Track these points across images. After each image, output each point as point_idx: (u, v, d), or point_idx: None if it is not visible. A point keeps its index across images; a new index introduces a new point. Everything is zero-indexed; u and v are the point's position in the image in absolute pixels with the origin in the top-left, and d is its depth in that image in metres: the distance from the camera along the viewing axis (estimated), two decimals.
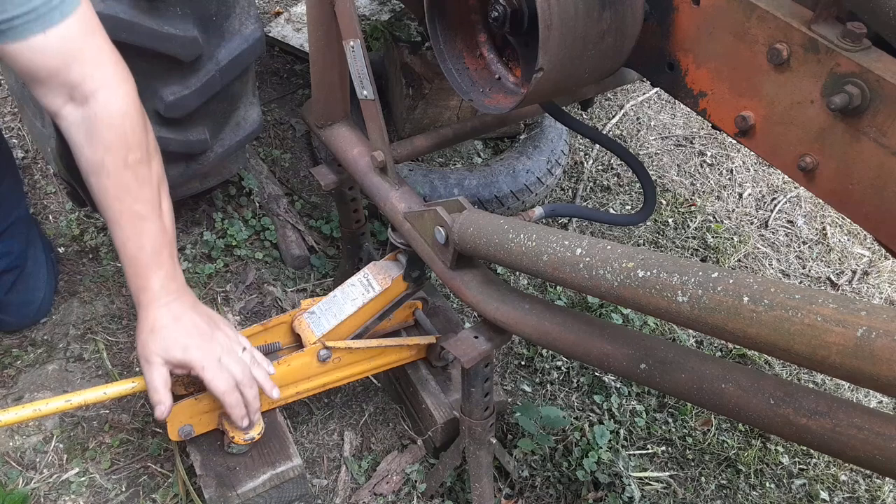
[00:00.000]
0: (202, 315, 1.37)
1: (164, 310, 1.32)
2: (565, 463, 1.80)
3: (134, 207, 1.27)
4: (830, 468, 1.95)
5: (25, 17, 1.15)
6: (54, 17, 1.17)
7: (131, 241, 1.27)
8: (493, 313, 1.32)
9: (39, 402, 1.33)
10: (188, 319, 1.33)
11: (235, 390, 1.36)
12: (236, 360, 1.37)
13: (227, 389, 1.34)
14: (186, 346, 1.31)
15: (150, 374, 1.31)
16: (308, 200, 2.40)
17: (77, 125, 1.26)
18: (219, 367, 1.33)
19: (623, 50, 1.23)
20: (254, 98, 1.95)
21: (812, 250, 2.61)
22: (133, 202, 1.27)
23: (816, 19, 0.98)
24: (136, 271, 1.30)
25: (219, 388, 1.34)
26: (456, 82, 1.35)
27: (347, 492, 1.70)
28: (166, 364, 1.32)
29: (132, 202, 1.27)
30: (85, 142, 1.26)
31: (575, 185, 2.66)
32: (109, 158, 1.25)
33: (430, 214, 1.37)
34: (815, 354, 0.77)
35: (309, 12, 1.54)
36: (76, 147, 1.28)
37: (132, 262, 1.29)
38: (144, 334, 1.32)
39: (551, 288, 2.23)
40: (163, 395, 1.31)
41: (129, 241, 1.27)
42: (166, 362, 1.32)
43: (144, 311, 1.32)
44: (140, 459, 1.68)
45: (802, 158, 1.05)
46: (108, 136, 1.25)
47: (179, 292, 1.35)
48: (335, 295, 1.62)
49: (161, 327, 1.31)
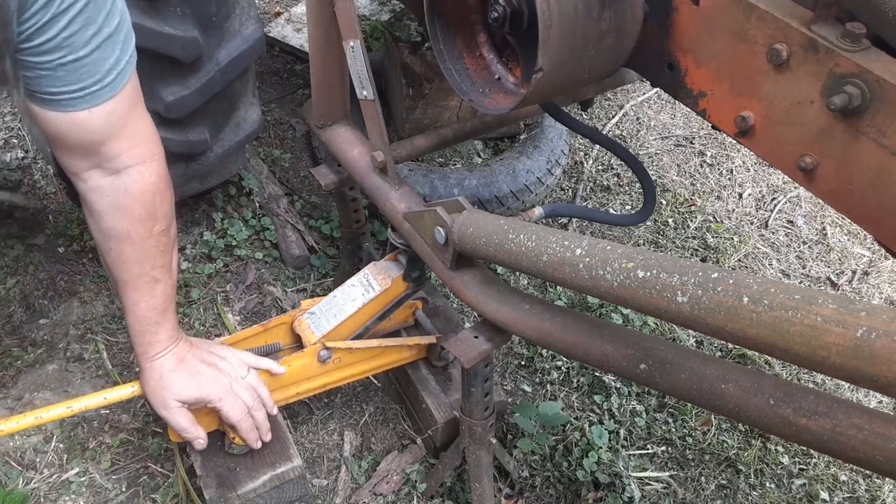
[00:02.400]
0: (202, 349, 1.40)
1: (169, 355, 1.35)
2: (565, 463, 1.80)
3: (151, 273, 1.28)
4: (830, 468, 1.95)
5: (75, 94, 1.09)
6: (104, 95, 1.11)
7: (144, 301, 1.29)
8: (493, 313, 1.32)
9: (41, 410, 1.33)
10: (192, 358, 1.37)
11: (248, 416, 1.40)
12: (244, 385, 1.41)
13: (241, 417, 1.39)
14: (199, 384, 1.35)
15: (173, 419, 1.36)
16: (308, 200, 2.40)
17: (101, 192, 1.22)
18: (233, 397, 1.38)
19: (623, 50, 1.23)
20: (254, 98, 1.95)
21: (812, 250, 2.61)
22: (151, 268, 1.28)
23: (816, 19, 0.98)
24: (145, 328, 1.32)
25: (235, 418, 1.39)
26: (456, 82, 1.35)
27: (347, 492, 1.70)
28: (183, 405, 1.36)
29: (150, 268, 1.28)
30: (108, 211, 1.23)
31: (575, 185, 2.66)
32: (135, 229, 1.24)
33: (429, 215, 1.37)
34: (815, 355, 0.77)
35: (309, 13, 1.54)
36: (96, 212, 1.24)
37: (142, 320, 1.31)
38: (153, 383, 1.35)
39: (551, 288, 2.23)
40: (194, 432, 1.38)
41: (142, 301, 1.29)
42: (183, 403, 1.35)
43: (150, 363, 1.34)
44: (140, 459, 1.68)
45: (802, 159, 1.05)
46: (136, 210, 1.23)
47: (179, 338, 1.38)
48: (335, 295, 1.62)
49: (168, 372, 1.34)
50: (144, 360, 1.34)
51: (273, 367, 1.47)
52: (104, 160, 1.19)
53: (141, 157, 1.21)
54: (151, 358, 1.34)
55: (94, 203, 1.23)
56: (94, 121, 1.13)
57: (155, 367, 1.34)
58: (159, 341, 1.33)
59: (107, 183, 1.21)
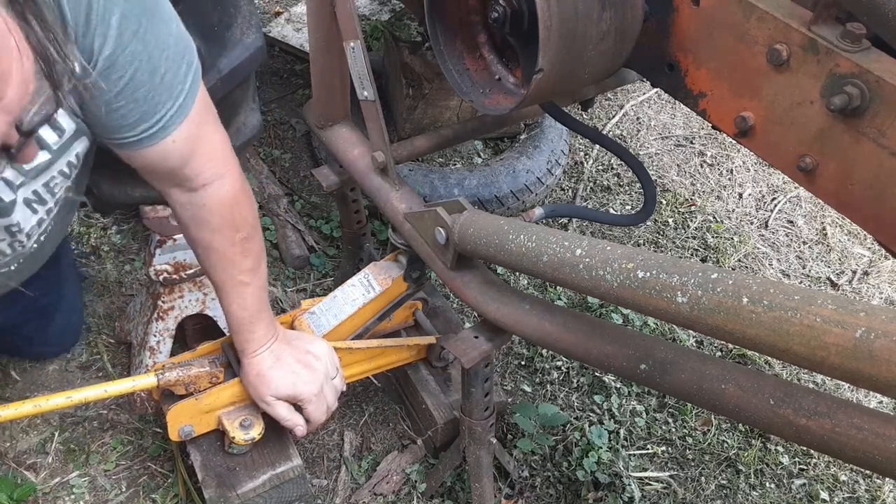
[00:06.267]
0: (299, 348, 1.45)
1: (267, 353, 1.40)
2: (565, 463, 1.80)
3: (238, 277, 1.34)
4: (830, 468, 1.96)
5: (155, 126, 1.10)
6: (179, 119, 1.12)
7: (235, 304, 1.36)
8: (493, 314, 1.32)
9: (39, 399, 1.33)
10: (289, 357, 1.43)
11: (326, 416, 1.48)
12: (332, 387, 1.48)
13: (321, 419, 1.47)
14: (294, 383, 1.41)
15: (274, 411, 1.43)
16: (308, 200, 2.41)
17: (182, 207, 1.27)
18: (320, 399, 1.45)
19: (623, 50, 1.23)
20: (254, 104, 1.95)
21: (812, 250, 2.61)
22: (238, 273, 1.34)
23: (816, 20, 0.98)
24: (240, 328, 1.39)
25: (317, 420, 1.47)
26: (456, 83, 1.35)
27: (347, 492, 1.70)
28: (279, 399, 1.42)
29: (237, 273, 1.34)
30: (191, 223, 1.30)
31: (575, 185, 2.66)
32: (217, 239, 1.31)
33: (430, 215, 1.37)
34: (814, 355, 0.77)
35: (309, 13, 1.55)
36: (182, 223, 1.32)
37: (236, 321, 1.38)
38: (252, 378, 1.41)
39: (551, 288, 2.23)
40: (294, 419, 1.44)
41: (234, 303, 1.36)
42: (279, 398, 1.42)
43: (248, 360, 1.41)
44: (140, 460, 1.69)
45: (802, 159, 1.05)
46: (216, 221, 1.29)
47: (276, 335, 1.43)
48: (335, 295, 1.62)
49: (266, 370, 1.40)
50: (243, 357, 1.41)
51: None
52: (183, 181, 1.23)
53: (215, 172, 1.25)
54: (249, 355, 1.40)
55: (179, 216, 1.30)
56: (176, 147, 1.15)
57: (253, 363, 1.40)
58: (255, 339, 1.39)
59: (186, 199, 1.26)
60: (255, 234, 1.36)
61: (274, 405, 1.42)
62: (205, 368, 1.42)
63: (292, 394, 1.41)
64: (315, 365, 1.44)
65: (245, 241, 1.33)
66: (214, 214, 1.28)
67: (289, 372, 1.41)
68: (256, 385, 1.41)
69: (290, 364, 1.42)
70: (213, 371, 1.43)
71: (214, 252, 1.32)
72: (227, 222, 1.30)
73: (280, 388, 1.41)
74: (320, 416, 1.46)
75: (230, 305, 1.37)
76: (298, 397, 1.42)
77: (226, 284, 1.35)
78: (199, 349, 1.51)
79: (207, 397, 1.44)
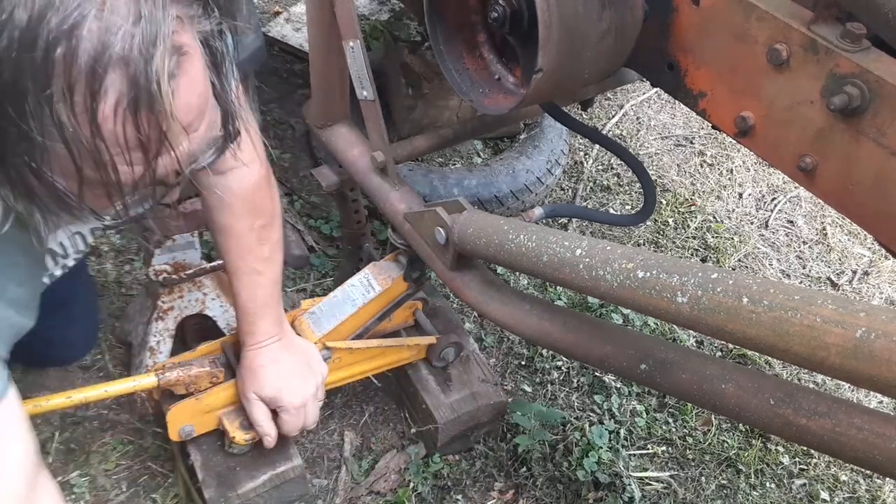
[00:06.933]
0: (300, 356, 1.46)
1: (264, 350, 1.41)
2: (565, 463, 1.80)
3: (252, 265, 1.37)
4: (831, 468, 1.95)
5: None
6: None
7: (245, 291, 1.38)
8: (493, 314, 1.32)
9: (40, 399, 1.33)
10: (286, 361, 1.43)
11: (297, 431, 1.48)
12: (314, 407, 1.48)
13: (293, 433, 1.47)
14: (280, 388, 1.41)
15: (250, 409, 1.43)
16: (308, 200, 2.40)
17: (209, 190, 1.29)
18: (299, 414, 1.44)
19: (623, 50, 1.23)
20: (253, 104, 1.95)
21: (812, 250, 2.61)
22: (253, 261, 1.37)
23: (816, 20, 0.98)
24: (245, 318, 1.40)
25: (288, 433, 1.46)
26: (456, 82, 1.35)
27: (347, 492, 1.70)
28: (261, 400, 1.42)
29: (252, 261, 1.37)
30: (215, 206, 1.34)
31: (575, 185, 2.66)
32: (237, 224, 1.35)
33: (429, 215, 1.37)
34: (815, 355, 0.77)
35: (309, 13, 1.54)
36: (207, 207, 1.36)
37: (243, 310, 1.40)
38: (243, 370, 1.43)
39: (551, 288, 2.23)
40: (266, 427, 1.43)
41: (244, 291, 1.38)
42: (261, 399, 1.42)
43: (246, 352, 1.42)
44: (140, 459, 1.68)
45: (802, 159, 1.05)
46: (238, 207, 1.33)
47: (281, 335, 1.44)
48: (335, 295, 1.62)
49: (259, 367, 1.41)
50: (242, 349, 1.43)
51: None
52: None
53: (247, 158, 1.28)
54: (248, 347, 1.42)
55: (205, 199, 1.35)
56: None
57: (249, 356, 1.41)
58: (256, 332, 1.40)
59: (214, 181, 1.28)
60: (273, 223, 1.39)
61: (253, 404, 1.42)
62: (205, 368, 1.42)
63: (274, 397, 1.41)
64: (308, 378, 1.45)
65: (263, 229, 1.36)
66: (238, 198, 1.32)
67: (279, 376, 1.41)
68: (245, 378, 1.42)
69: (284, 369, 1.42)
70: (213, 371, 1.43)
71: (233, 237, 1.35)
72: (249, 208, 1.34)
73: (265, 389, 1.41)
74: (292, 429, 1.46)
75: (240, 293, 1.39)
76: (279, 403, 1.41)
77: (239, 270, 1.37)
78: (199, 349, 1.51)
79: (207, 397, 1.44)
